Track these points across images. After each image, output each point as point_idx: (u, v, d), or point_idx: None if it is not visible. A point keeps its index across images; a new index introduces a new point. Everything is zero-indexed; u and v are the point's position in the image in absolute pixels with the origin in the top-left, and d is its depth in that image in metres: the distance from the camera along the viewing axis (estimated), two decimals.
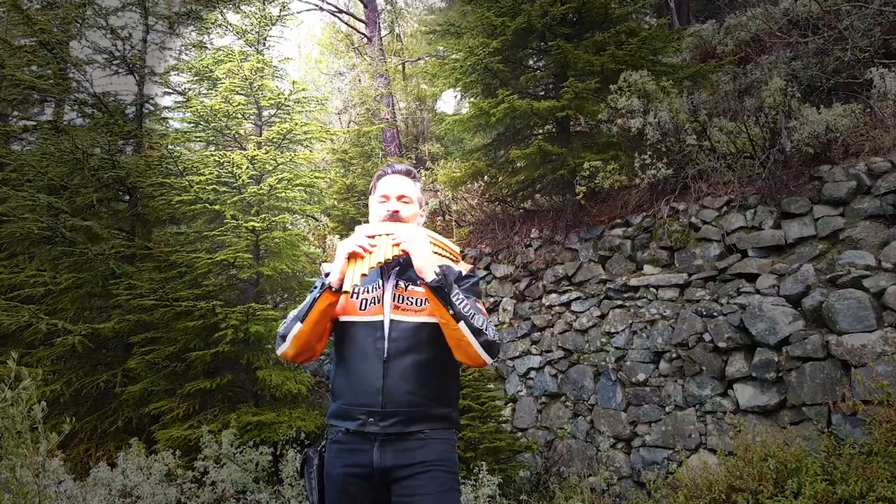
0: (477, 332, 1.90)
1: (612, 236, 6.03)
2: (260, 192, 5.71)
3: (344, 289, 1.89)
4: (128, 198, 6.37)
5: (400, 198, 2.16)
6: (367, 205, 9.83)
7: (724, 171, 5.55)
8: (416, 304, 2.00)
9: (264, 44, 6.17)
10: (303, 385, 5.61)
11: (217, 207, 5.70)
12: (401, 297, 2.04)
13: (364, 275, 1.90)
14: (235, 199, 5.78)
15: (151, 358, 5.59)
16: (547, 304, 6.39)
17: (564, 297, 6.22)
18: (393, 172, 2.22)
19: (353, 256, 1.95)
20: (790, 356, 4.50)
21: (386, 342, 1.99)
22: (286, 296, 6.15)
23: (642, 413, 5.38)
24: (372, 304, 2.06)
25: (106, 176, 5.97)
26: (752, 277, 5.03)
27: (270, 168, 5.89)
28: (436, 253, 2.04)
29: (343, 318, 2.07)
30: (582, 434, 5.76)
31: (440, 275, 1.90)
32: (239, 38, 6.23)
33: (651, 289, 5.59)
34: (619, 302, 5.79)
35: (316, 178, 6.01)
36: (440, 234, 2.52)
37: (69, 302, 6.01)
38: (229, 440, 4.99)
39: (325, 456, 2.03)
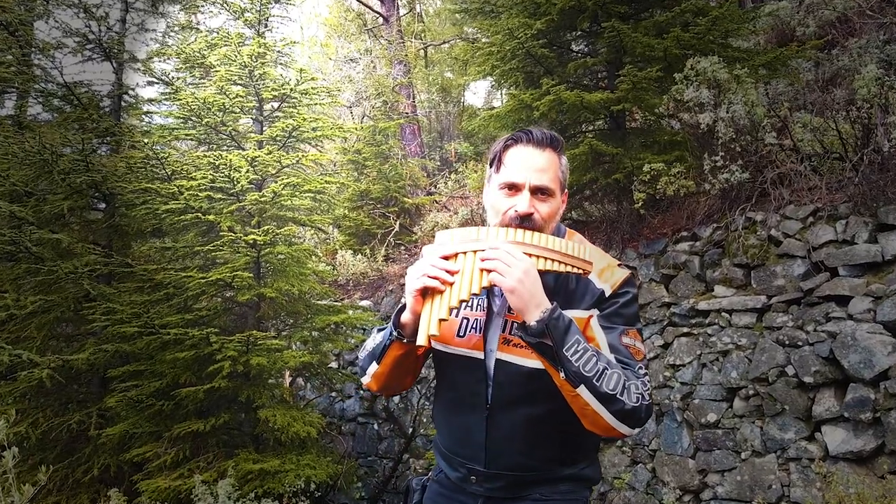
0: (607, 399, 1.70)
1: (677, 252, 6.38)
2: (262, 199, 6.09)
3: (418, 342, 1.70)
4: (104, 206, 6.73)
5: (536, 191, 1.88)
6: (383, 215, 10.27)
7: (809, 174, 5.86)
8: None
9: (266, 25, 6.58)
10: (312, 427, 5.97)
11: (211, 218, 6.07)
12: (514, 325, 1.86)
13: (443, 319, 1.72)
14: (233, 207, 6.17)
15: (133, 395, 5.95)
16: None
17: None
18: (529, 142, 1.91)
19: (427, 292, 1.76)
20: (889, 393, 4.80)
21: (490, 388, 1.90)
22: (291, 322, 6.52)
23: (713, 460, 5.70)
24: (472, 331, 1.93)
25: (78, 180, 6.30)
26: (843, 300, 5.30)
27: (274, 171, 6.30)
28: (551, 272, 1.82)
29: (436, 346, 1.97)
30: (642, 485, 6.11)
31: (543, 323, 1.69)
32: (236, 18, 6.64)
33: (723, 313, 5.91)
34: (686, 329, 6.14)
35: (326, 182, 6.38)
36: None
37: (35, 329, 6.33)
38: (226, 492, 5.28)
39: (426, 491, 2.09)
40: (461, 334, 1.93)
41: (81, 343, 6.43)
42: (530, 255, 1.77)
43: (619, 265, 1.98)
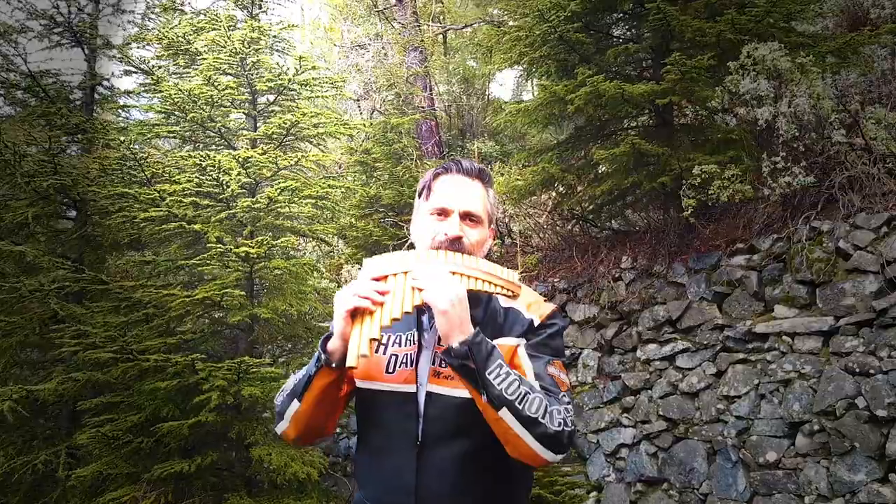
0: (529, 423, 1.99)
1: (732, 266, 6.70)
2: (255, 206, 6.29)
3: (348, 364, 1.94)
4: (74, 214, 6.98)
5: (466, 216, 2.27)
6: (396, 224, 10.50)
7: (883, 178, 6.12)
8: None
9: (260, 6, 6.93)
10: (312, 468, 6.16)
11: (197, 227, 6.26)
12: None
13: (375, 339, 1.97)
14: (222, 215, 6.37)
15: (107, 431, 6.04)
16: (643, 357, 7.13)
17: (667, 349, 6.94)
18: (458, 171, 2.33)
19: (357, 313, 2.01)
20: None
21: (420, 423, 2.17)
22: (290, 346, 6.84)
23: None
24: (403, 366, 2.23)
25: (45, 184, 6.49)
26: None
27: (269, 174, 6.58)
28: (480, 292, 2.16)
29: (362, 385, 2.28)
30: None
31: (466, 344, 1.98)
32: None
33: (785, 337, 6.21)
34: (742, 355, 6.45)
35: (330, 186, 6.73)
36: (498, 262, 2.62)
37: None
38: None
39: None
40: (391, 371, 2.24)
41: (48, 371, 6.63)
42: (461, 275, 2.12)
43: (545, 301, 2.36)
